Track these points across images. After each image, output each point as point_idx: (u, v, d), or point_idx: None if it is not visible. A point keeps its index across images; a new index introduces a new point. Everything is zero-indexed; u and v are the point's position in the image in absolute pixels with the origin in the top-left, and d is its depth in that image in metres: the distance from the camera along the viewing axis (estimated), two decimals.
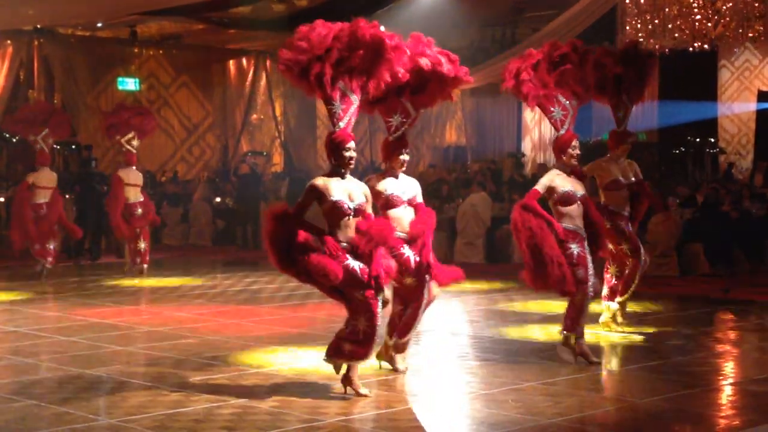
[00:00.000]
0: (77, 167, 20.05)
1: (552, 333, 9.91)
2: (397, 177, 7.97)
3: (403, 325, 7.96)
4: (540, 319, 10.83)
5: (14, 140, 16.22)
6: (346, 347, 7.16)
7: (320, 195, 7.14)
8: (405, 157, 7.96)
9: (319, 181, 7.19)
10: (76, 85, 21.78)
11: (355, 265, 7.05)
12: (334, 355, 7.25)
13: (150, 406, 7.04)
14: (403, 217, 7.85)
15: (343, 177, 7.22)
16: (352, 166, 7.25)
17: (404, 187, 7.97)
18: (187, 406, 7.04)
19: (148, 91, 22.71)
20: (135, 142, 15.00)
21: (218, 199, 20.92)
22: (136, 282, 14.26)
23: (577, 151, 8.48)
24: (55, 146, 21.18)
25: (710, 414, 7.06)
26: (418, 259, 7.79)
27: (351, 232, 7.13)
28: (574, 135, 8.51)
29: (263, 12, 20.45)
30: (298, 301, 12.34)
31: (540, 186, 8.41)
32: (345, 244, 7.09)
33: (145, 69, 23.13)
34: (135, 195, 14.90)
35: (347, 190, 7.18)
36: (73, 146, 21.26)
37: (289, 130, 24.93)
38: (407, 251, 7.75)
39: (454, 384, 7.92)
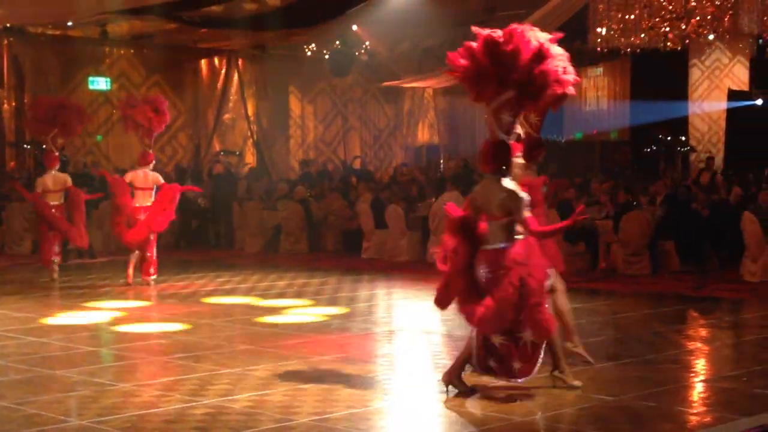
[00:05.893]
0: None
1: None
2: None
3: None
4: None
5: (44, 147, 15.56)
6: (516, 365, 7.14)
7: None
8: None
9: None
10: (47, 84, 21.59)
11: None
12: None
13: (121, 407, 7.00)
14: None
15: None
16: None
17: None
18: (159, 406, 7.01)
19: (118, 91, 22.53)
20: (147, 140, 13.94)
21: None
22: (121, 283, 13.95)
23: None
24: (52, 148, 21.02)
25: (682, 411, 7.10)
26: None
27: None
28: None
29: (235, 11, 20.36)
30: (272, 300, 12.30)
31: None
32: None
33: (116, 68, 22.98)
34: (143, 199, 13.65)
35: None
36: (44, 146, 21.06)
37: (261, 129, 24.85)
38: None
39: (427, 382, 7.92)
